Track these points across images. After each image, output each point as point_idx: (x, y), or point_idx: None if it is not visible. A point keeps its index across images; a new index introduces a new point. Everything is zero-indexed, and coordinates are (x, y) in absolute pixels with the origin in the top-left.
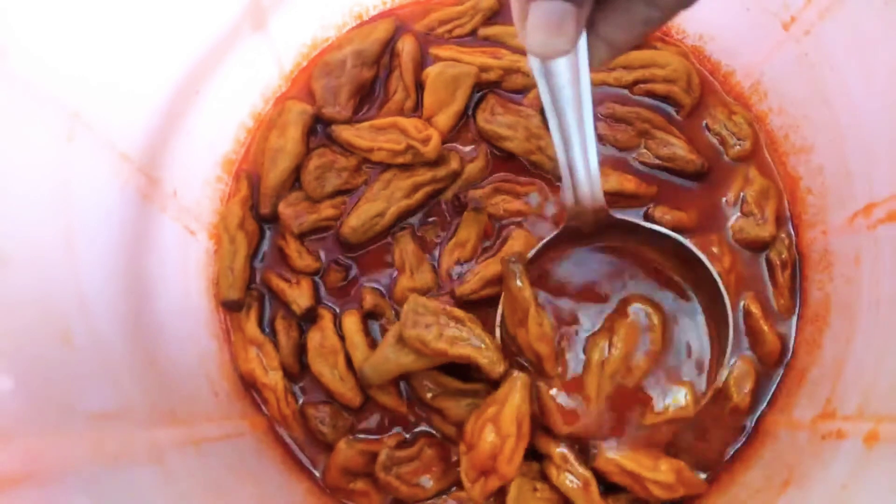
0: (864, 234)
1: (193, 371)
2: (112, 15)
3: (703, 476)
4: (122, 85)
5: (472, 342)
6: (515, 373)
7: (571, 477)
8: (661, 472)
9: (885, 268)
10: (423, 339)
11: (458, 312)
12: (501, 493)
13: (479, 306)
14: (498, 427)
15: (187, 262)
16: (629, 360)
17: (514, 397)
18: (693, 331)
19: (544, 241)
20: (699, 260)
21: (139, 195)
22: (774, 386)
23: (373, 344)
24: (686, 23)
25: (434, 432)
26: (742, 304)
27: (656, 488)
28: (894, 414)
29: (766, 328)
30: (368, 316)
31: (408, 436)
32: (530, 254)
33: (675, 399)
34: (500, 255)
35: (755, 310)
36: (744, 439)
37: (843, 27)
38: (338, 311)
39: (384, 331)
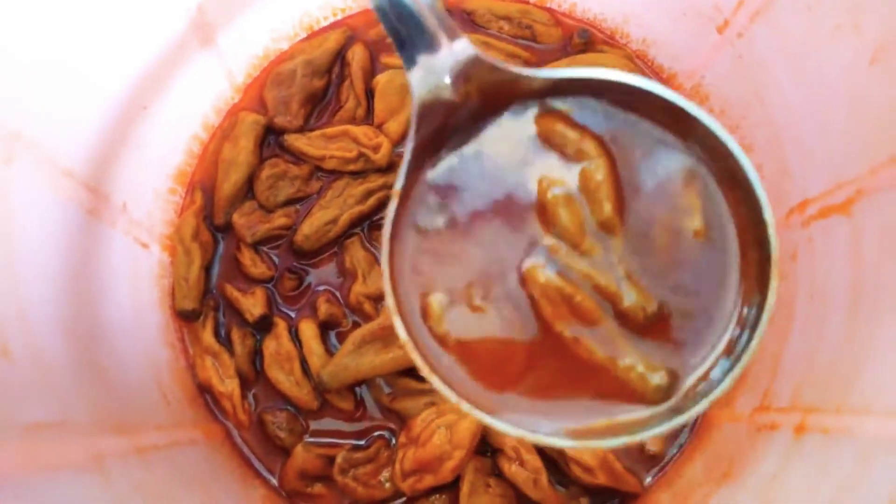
0: (799, 230)
1: (145, 381)
2: (53, 33)
3: (648, 479)
4: (65, 103)
5: None
6: None
7: (522, 470)
8: (584, 452)
9: (818, 263)
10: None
11: None
12: (449, 488)
13: None
14: (452, 435)
15: (139, 274)
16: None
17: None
18: (688, 247)
19: (405, 161)
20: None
21: (84, 211)
22: None
23: (329, 350)
24: (630, 27)
25: (391, 434)
26: None
27: (577, 469)
28: (821, 405)
29: None
30: (324, 324)
31: (363, 442)
32: (398, 184)
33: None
34: None
35: None
36: (688, 433)
37: (772, 29)
38: (293, 318)
39: (340, 337)
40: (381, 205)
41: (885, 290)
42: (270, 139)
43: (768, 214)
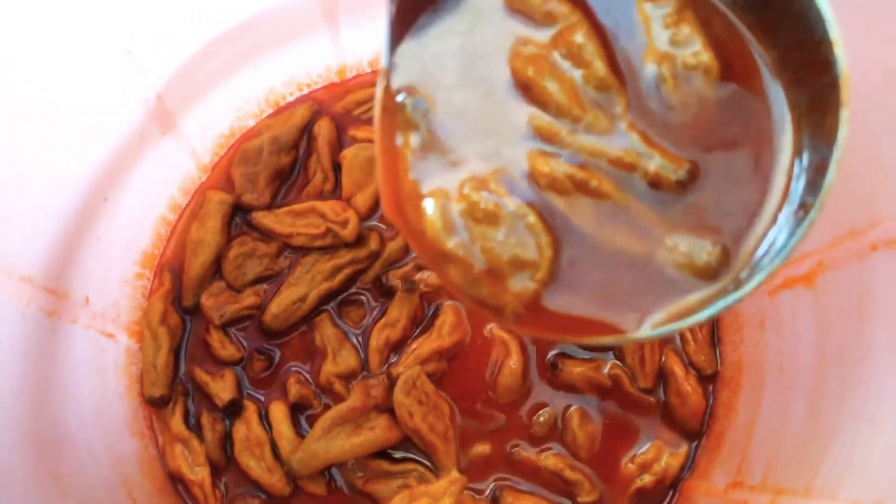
0: (766, 299)
1: (109, 484)
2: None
3: None
4: (19, 209)
5: (444, 433)
6: (456, 474)
7: None
8: None
9: (785, 333)
10: (412, 410)
11: (445, 407)
12: None
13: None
14: None
15: (104, 367)
16: None
17: (445, 501)
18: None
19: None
20: None
21: (43, 313)
22: (694, 451)
23: (300, 433)
24: None
25: None
26: (662, 359)
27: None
28: (790, 486)
29: (689, 388)
30: (295, 406)
31: None
32: (384, 61)
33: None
34: (435, 331)
35: (678, 370)
36: None
37: None
38: (263, 401)
39: (311, 420)
40: (350, 280)
41: (848, 366)
42: (238, 217)
43: (832, 28)
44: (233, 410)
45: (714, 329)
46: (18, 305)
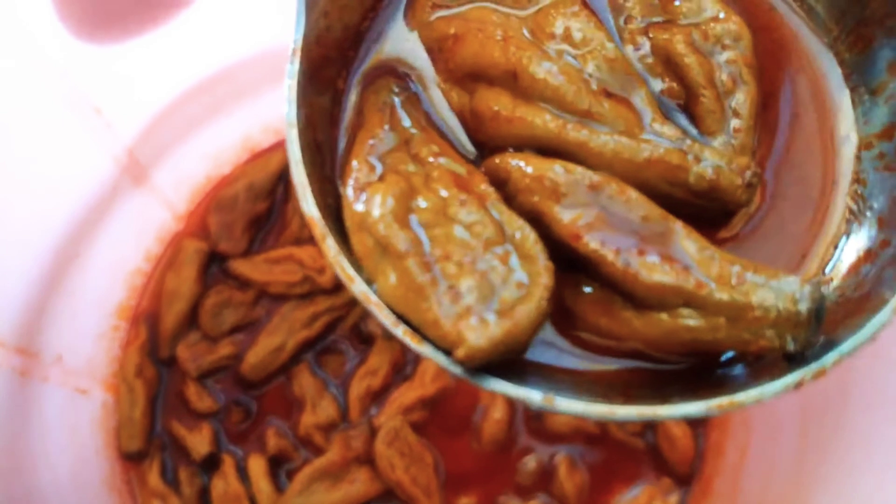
0: None
1: None
2: None
3: None
4: None
5: (427, 486)
6: None
7: None
8: None
9: None
10: (394, 462)
11: (428, 458)
12: None
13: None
14: None
15: (79, 424)
16: None
17: None
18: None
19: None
20: None
21: (15, 375)
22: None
23: (279, 487)
24: None
25: None
26: None
27: None
28: None
29: (678, 431)
30: (273, 460)
31: None
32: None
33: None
34: (417, 378)
35: None
36: None
37: None
38: (241, 454)
39: (290, 475)
40: (329, 328)
41: (831, 413)
42: (214, 266)
43: None
44: (210, 464)
45: None
46: None
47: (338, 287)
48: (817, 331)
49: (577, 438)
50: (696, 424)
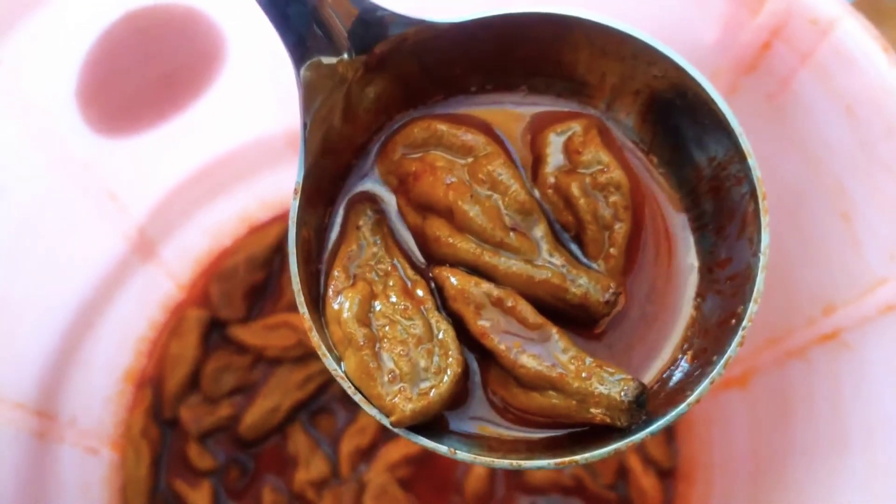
0: (710, 398)
1: None
2: None
3: None
4: (9, 342)
5: None
6: None
7: None
8: None
9: (728, 433)
10: None
11: None
12: None
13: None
14: None
15: (88, 483)
16: None
17: None
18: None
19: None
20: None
21: (33, 436)
22: None
23: None
24: None
25: None
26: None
27: None
28: None
29: (646, 483)
30: None
31: None
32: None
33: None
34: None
35: (636, 465)
36: None
37: None
38: None
39: None
40: (321, 390)
41: (780, 463)
42: (215, 332)
43: (744, 142)
44: None
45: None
46: (11, 430)
47: None
48: (639, 413)
49: (553, 490)
50: (665, 476)
